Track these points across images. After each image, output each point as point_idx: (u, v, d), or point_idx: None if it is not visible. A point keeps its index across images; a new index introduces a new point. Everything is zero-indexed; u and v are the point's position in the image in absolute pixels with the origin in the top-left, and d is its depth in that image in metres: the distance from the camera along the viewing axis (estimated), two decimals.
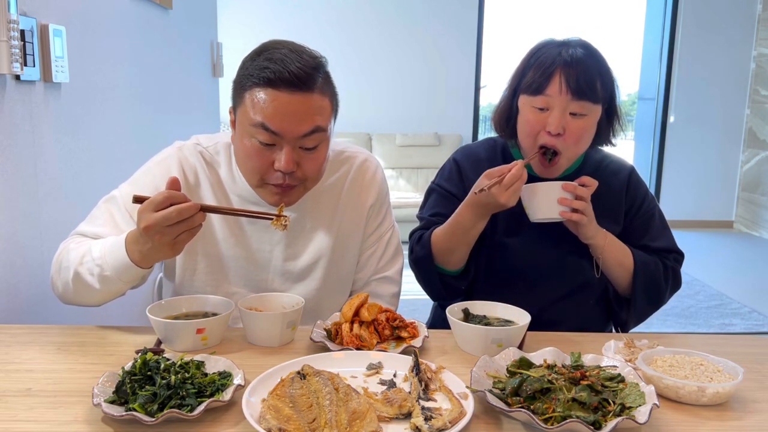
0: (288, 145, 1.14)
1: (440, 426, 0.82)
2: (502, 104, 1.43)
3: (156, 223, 1.01)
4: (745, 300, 4.23)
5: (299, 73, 1.11)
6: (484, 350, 1.10)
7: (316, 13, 6.14)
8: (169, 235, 1.03)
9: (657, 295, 1.44)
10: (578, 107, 1.30)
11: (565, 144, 1.32)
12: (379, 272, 1.41)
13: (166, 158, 1.29)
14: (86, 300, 1.20)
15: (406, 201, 5.57)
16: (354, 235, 1.38)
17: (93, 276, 1.14)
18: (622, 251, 1.39)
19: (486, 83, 6.50)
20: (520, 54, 1.41)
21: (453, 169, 1.50)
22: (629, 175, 1.48)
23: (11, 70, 1.31)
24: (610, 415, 0.85)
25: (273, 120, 1.12)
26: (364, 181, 1.38)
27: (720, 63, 6.30)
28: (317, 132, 1.16)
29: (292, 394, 0.88)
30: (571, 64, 1.29)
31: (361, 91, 6.26)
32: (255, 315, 1.14)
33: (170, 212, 1.00)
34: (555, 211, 1.29)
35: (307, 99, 1.13)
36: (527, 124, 1.34)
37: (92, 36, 1.78)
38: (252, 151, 1.16)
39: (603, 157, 1.50)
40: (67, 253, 1.19)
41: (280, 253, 1.32)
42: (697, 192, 6.54)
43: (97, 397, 0.86)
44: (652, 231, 1.46)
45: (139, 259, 1.10)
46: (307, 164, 1.19)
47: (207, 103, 3.05)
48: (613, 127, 1.41)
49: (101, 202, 1.28)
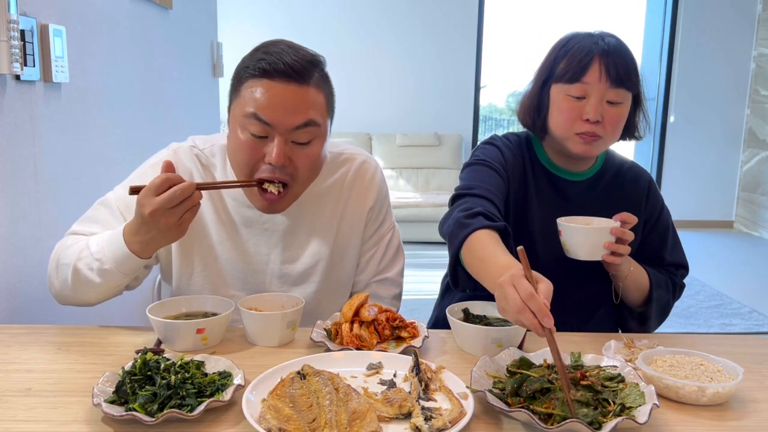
0: (280, 137, 1.13)
1: (440, 426, 0.82)
2: (528, 98, 1.41)
3: (160, 206, 1.02)
4: (745, 300, 4.23)
5: (294, 64, 1.12)
6: (484, 350, 1.10)
7: (317, 13, 6.14)
8: (174, 216, 1.05)
9: (666, 312, 1.46)
10: (615, 95, 1.30)
11: (604, 131, 1.31)
12: (379, 274, 1.40)
13: (161, 160, 1.27)
14: (84, 297, 1.20)
15: (406, 201, 5.58)
16: (353, 238, 1.36)
17: (92, 270, 1.14)
18: (641, 276, 1.38)
19: (486, 83, 6.50)
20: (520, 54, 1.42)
21: (492, 150, 1.43)
22: (648, 185, 1.48)
23: (11, 70, 1.31)
24: (610, 415, 0.85)
25: (265, 110, 1.12)
26: (363, 183, 1.36)
27: (720, 63, 6.30)
28: (310, 126, 1.15)
29: (292, 394, 0.88)
30: (609, 53, 1.29)
31: (361, 91, 6.26)
32: (255, 315, 1.14)
33: (173, 192, 1.03)
34: (598, 254, 1.25)
35: (301, 90, 1.13)
36: (563, 112, 1.33)
37: (92, 36, 1.78)
38: (244, 143, 1.15)
39: (622, 162, 1.49)
40: (64, 250, 1.19)
41: (277, 257, 1.31)
42: (697, 192, 6.54)
43: (97, 397, 0.86)
44: (668, 243, 1.47)
45: (139, 249, 1.11)
46: (299, 160, 1.17)
47: (207, 103, 3.05)
48: (638, 118, 1.41)
49: (95, 204, 1.29)
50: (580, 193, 1.43)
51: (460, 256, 1.23)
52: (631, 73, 1.31)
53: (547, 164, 1.43)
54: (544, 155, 1.44)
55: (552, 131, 1.37)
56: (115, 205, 1.26)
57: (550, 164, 1.43)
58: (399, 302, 1.43)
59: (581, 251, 1.25)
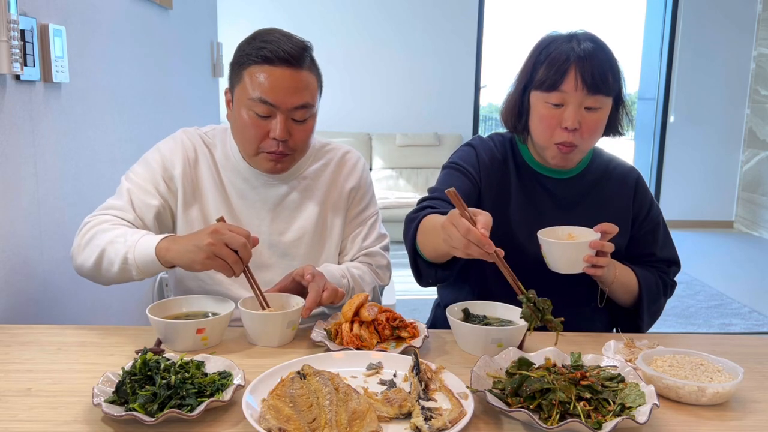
0: (282, 116, 1.28)
1: (440, 426, 0.82)
2: (511, 101, 1.42)
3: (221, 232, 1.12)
4: (745, 300, 4.23)
5: (291, 51, 1.27)
6: (484, 350, 1.10)
7: (317, 13, 6.14)
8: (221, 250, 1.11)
9: (658, 312, 1.47)
10: (593, 101, 1.30)
11: (581, 138, 1.32)
12: (364, 249, 1.48)
13: (172, 138, 1.44)
14: (102, 277, 1.27)
15: (407, 201, 5.57)
16: (336, 218, 1.46)
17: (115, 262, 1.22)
18: (629, 279, 1.39)
19: (486, 83, 6.50)
20: (520, 54, 1.41)
21: (470, 152, 1.47)
22: (636, 182, 1.48)
23: (11, 70, 1.31)
24: (610, 415, 0.85)
25: (270, 93, 1.26)
26: (345, 168, 1.49)
27: (720, 63, 6.29)
28: (307, 107, 1.30)
29: (292, 394, 0.88)
30: (584, 59, 1.28)
31: (361, 91, 6.25)
32: (255, 315, 1.14)
33: (242, 241, 1.13)
34: (579, 267, 1.25)
35: (298, 74, 1.28)
36: (542, 120, 1.34)
37: (92, 36, 1.78)
38: (250, 122, 1.29)
39: (609, 160, 1.50)
40: (101, 231, 1.26)
41: (266, 228, 1.41)
42: (697, 192, 6.53)
43: (97, 397, 0.86)
44: (658, 240, 1.47)
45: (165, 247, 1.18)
46: (298, 134, 1.32)
47: (207, 103, 3.05)
48: (621, 117, 1.41)
49: (122, 182, 1.39)
50: (567, 190, 1.43)
51: (417, 246, 1.32)
52: (608, 77, 1.30)
53: (532, 163, 1.44)
54: (529, 154, 1.45)
55: (532, 137, 1.39)
56: (135, 179, 1.37)
57: (534, 163, 1.44)
58: (390, 274, 1.52)
59: (561, 265, 1.25)
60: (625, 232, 1.44)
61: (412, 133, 6.25)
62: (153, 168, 1.37)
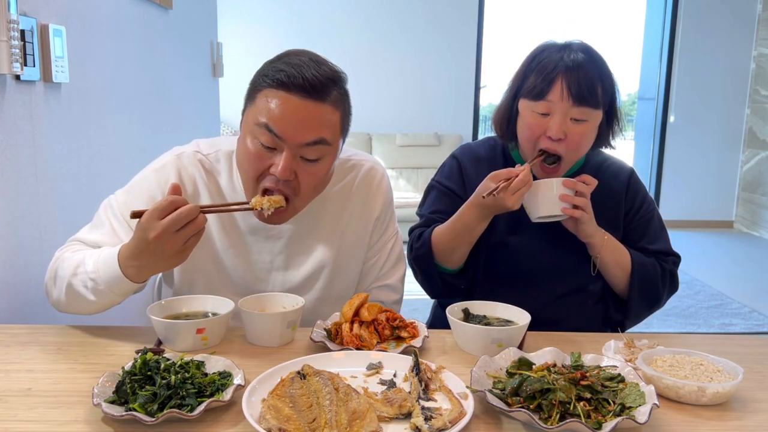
0: (288, 151, 1.11)
1: (440, 426, 0.82)
2: (502, 106, 1.43)
3: (165, 230, 0.99)
4: (745, 300, 4.23)
5: (313, 79, 1.09)
6: (484, 350, 1.10)
7: (317, 13, 6.14)
8: (180, 240, 1.01)
9: (654, 296, 1.44)
10: (579, 113, 1.30)
11: (566, 149, 1.32)
12: (380, 280, 1.39)
13: (164, 166, 1.26)
14: (80, 310, 1.17)
15: (406, 201, 5.57)
16: (358, 248, 1.35)
17: (87, 288, 1.11)
18: (620, 251, 1.40)
19: (486, 83, 6.50)
20: (520, 54, 1.41)
21: (453, 167, 1.50)
22: (629, 177, 1.48)
23: (11, 70, 1.31)
24: (610, 415, 0.85)
25: (278, 122, 1.09)
26: (370, 191, 1.35)
27: (720, 63, 6.29)
28: (321, 144, 1.13)
29: (292, 394, 0.88)
30: (572, 69, 1.28)
31: (361, 91, 6.21)
32: (255, 315, 1.14)
33: (178, 214, 0.99)
34: (556, 207, 1.29)
35: (317, 108, 1.10)
36: (528, 128, 1.34)
37: (92, 36, 1.78)
38: (252, 151, 1.13)
39: (603, 159, 1.50)
40: (62, 262, 1.16)
41: (281, 264, 1.30)
42: (697, 192, 6.54)
43: (97, 397, 0.86)
44: (650, 233, 1.46)
45: (134, 273, 1.07)
46: (305, 176, 1.15)
47: (207, 103, 3.04)
48: (613, 129, 1.41)
49: (101, 209, 1.26)
50: None
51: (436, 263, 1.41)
52: (596, 90, 1.30)
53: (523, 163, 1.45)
54: (520, 158, 1.46)
55: (519, 144, 1.41)
56: (118, 211, 1.23)
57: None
58: (399, 306, 1.42)
59: (540, 208, 1.30)
60: (619, 228, 1.45)
61: (412, 133, 6.26)
62: (141, 201, 1.20)
